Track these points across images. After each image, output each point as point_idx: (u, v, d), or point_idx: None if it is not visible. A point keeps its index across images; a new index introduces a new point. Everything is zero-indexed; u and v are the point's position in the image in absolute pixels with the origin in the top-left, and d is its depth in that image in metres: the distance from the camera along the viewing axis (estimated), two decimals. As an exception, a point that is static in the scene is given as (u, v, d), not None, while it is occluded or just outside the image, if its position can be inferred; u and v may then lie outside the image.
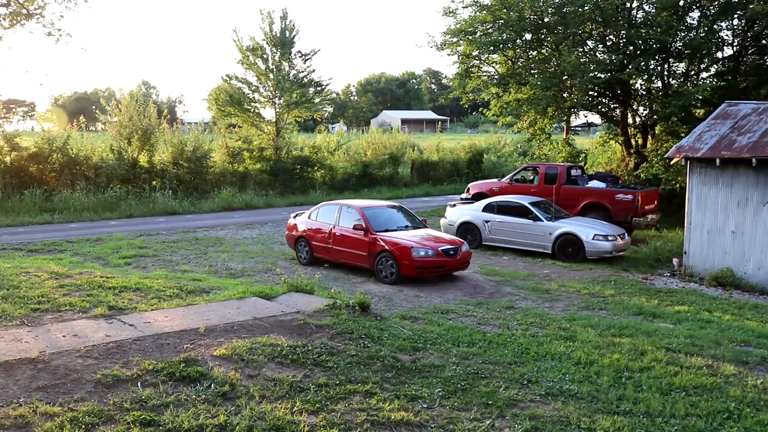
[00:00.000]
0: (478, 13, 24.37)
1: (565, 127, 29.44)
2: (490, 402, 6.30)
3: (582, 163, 26.83)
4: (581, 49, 23.88)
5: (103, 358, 6.61)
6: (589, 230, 15.78)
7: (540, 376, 7.10)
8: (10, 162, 23.38)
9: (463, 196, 21.86)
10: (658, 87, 23.76)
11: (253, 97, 29.89)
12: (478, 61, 25.89)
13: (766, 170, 13.56)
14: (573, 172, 20.02)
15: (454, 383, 6.74)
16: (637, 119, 25.02)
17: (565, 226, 16.11)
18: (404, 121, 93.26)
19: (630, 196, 17.88)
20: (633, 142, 24.85)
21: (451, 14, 25.26)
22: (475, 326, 9.47)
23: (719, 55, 23.79)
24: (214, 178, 27.70)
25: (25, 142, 24.26)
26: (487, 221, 17.02)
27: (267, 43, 29.25)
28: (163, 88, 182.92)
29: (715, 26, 22.48)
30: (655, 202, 19.09)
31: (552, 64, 23.23)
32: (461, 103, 28.52)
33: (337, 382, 6.50)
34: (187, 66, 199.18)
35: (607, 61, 22.82)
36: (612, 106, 25.56)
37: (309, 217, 14.90)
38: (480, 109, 37.16)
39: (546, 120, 25.16)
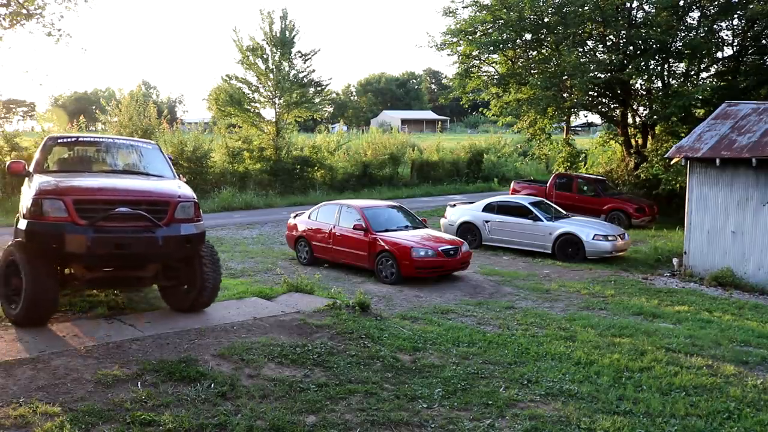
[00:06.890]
0: (478, 13, 24.39)
1: (565, 127, 29.51)
2: (490, 402, 6.29)
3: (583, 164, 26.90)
4: (581, 49, 23.89)
5: (103, 358, 6.61)
6: (589, 230, 15.78)
7: (540, 376, 7.09)
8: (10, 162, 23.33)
9: None
10: (658, 87, 23.78)
11: (253, 97, 29.87)
12: (478, 61, 25.92)
13: (766, 170, 13.56)
14: None
15: (454, 383, 6.73)
16: (637, 119, 25.04)
17: (565, 226, 16.11)
18: (404, 121, 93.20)
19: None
20: (633, 142, 24.87)
21: (451, 14, 25.29)
22: (475, 326, 9.46)
23: (719, 55, 23.82)
24: (214, 178, 27.66)
25: (25, 142, 24.20)
26: (487, 221, 17.02)
27: (267, 43, 29.23)
28: (163, 88, 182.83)
29: (715, 26, 22.50)
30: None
31: (552, 64, 23.24)
32: (461, 103, 28.54)
33: (337, 382, 6.50)
34: (187, 66, 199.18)
35: (607, 61, 22.83)
36: (612, 106, 25.58)
37: (309, 217, 14.89)
38: (480, 109, 37.16)
39: (546, 120, 25.19)
